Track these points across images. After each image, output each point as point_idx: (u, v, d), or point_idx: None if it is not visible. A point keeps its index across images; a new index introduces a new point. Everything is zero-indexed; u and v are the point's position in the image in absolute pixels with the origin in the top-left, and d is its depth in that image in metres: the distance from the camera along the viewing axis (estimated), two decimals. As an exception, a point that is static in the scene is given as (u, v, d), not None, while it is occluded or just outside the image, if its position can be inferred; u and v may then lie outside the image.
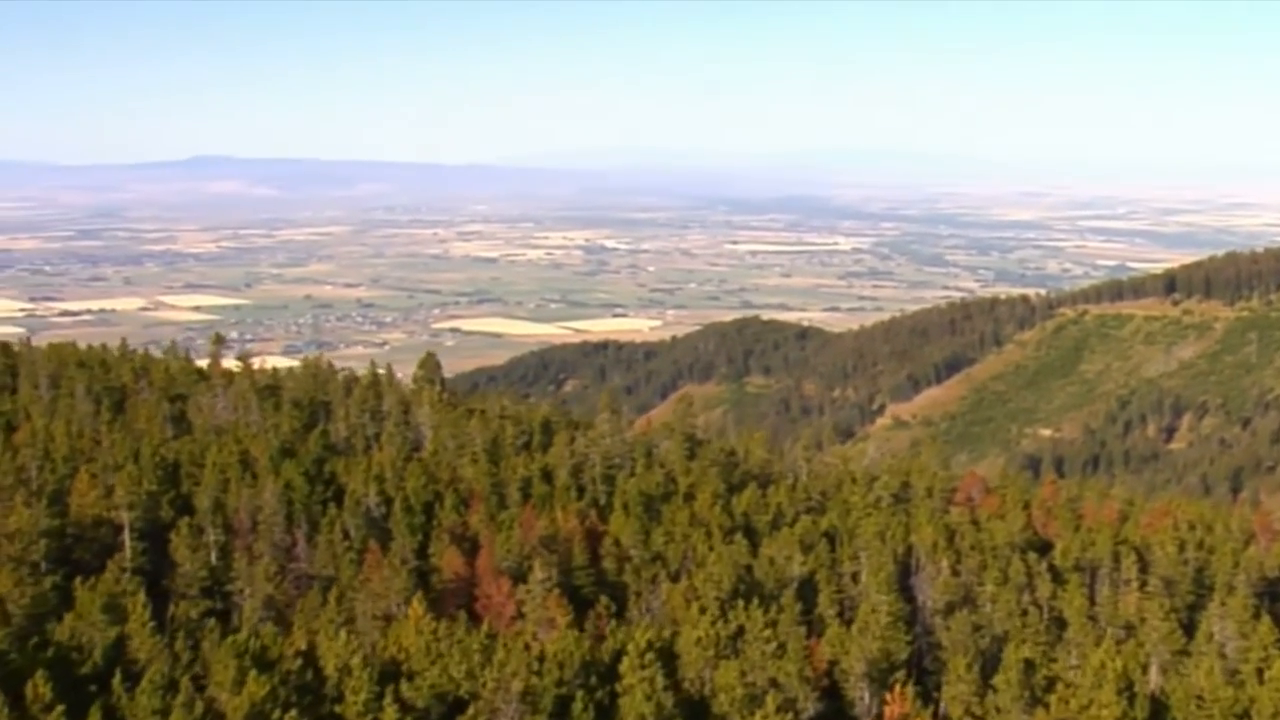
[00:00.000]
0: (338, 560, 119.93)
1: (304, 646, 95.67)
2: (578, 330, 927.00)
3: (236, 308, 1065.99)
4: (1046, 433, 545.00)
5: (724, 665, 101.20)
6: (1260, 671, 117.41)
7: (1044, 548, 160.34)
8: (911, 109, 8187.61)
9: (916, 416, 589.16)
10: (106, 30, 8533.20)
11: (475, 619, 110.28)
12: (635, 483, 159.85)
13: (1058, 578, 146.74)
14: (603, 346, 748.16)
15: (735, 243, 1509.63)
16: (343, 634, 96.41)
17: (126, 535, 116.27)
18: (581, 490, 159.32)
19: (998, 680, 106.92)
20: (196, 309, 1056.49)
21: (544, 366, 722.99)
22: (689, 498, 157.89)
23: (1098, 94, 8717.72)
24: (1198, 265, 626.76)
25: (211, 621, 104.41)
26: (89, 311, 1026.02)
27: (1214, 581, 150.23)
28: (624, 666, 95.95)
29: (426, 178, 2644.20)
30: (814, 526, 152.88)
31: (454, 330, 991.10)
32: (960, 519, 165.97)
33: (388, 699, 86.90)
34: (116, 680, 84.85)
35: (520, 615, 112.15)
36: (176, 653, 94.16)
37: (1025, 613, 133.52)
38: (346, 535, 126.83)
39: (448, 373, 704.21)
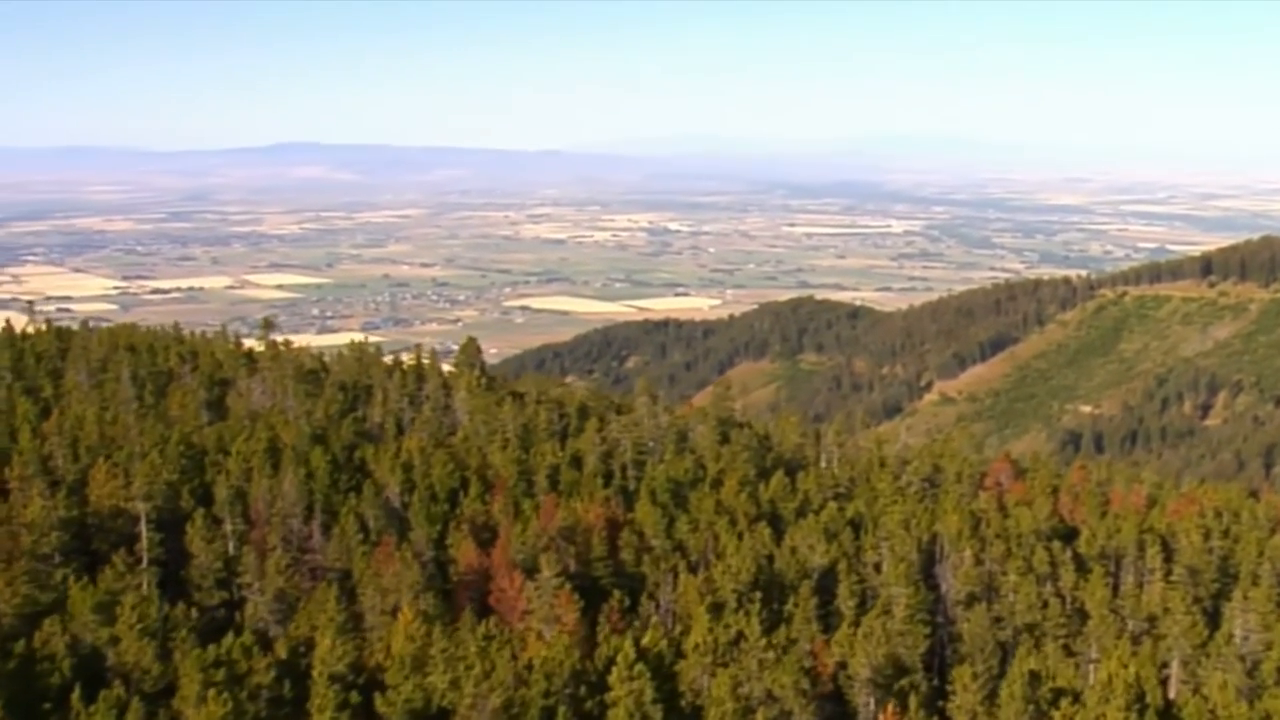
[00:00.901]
0: (351, 553, 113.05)
1: (285, 655, 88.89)
2: (641, 308, 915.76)
3: (318, 286, 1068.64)
4: (1087, 409, 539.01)
5: (720, 674, 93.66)
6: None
7: (1070, 535, 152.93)
8: (962, 99, 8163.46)
9: (962, 393, 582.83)
10: (198, 24, 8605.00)
11: (488, 614, 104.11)
12: (664, 470, 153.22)
13: (1082, 566, 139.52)
14: (663, 324, 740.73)
15: (792, 225, 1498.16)
16: (327, 639, 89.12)
17: (143, 526, 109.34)
18: (609, 477, 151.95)
19: (1002, 693, 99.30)
20: (280, 287, 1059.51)
21: (607, 343, 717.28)
22: (716, 484, 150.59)
23: (1141, 86, 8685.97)
24: (1233, 248, 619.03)
25: (191, 622, 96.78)
26: (178, 289, 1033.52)
27: (1239, 570, 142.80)
28: (613, 677, 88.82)
29: (500, 163, 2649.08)
30: (840, 514, 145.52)
31: (524, 308, 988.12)
32: (987, 505, 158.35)
33: (352, 714, 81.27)
34: (75, 696, 78.68)
35: (531, 611, 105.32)
36: (169, 657, 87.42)
37: (1046, 605, 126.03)
38: (364, 526, 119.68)
39: (515, 349, 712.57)
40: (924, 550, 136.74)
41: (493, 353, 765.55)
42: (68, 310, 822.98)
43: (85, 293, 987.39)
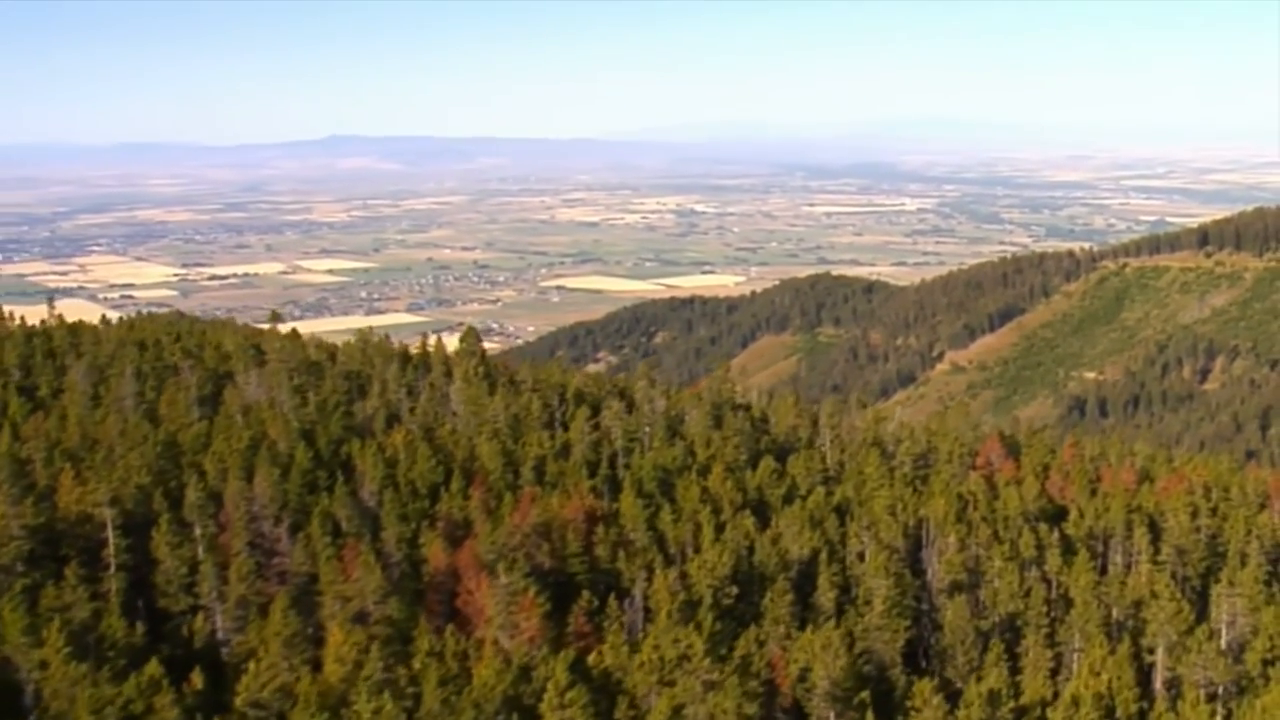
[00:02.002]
0: (316, 556, 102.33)
1: (202, 685, 78.93)
2: (670, 286, 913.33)
3: (365, 270, 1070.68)
4: (1091, 375, 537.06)
5: (664, 694, 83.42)
6: (1265, 664, 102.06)
7: (1059, 515, 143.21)
8: (971, 84, 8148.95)
9: (972, 362, 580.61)
10: (252, 25, 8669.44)
11: (456, 618, 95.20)
12: (651, 458, 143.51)
13: (1070, 548, 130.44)
14: (689, 301, 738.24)
15: (812, 205, 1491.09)
16: (253, 666, 79.41)
17: (110, 532, 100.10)
18: (596, 467, 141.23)
19: (960, 715, 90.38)
20: (330, 272, 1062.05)
21: (636, 320, 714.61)
22: (704, 472, 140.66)
23: (1140, 67, 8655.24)
24: (1228, 220, 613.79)
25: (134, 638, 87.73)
26: (234, 275, 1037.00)
27: (1227, 549, 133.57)
28: (544, 705, 78.67)
29: (536, 151, 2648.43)
30: (827, 500, 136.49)
31: (559, 288, 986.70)
32: (976, 487, 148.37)
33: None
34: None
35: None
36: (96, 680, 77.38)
37: (1028, 593, 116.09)
38: (337, 527, 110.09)
39: (551, 326, 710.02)
40: (910, 535, 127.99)
41: (530, 330, 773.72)
42: (130, 297, 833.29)
43: (147, 280, 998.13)
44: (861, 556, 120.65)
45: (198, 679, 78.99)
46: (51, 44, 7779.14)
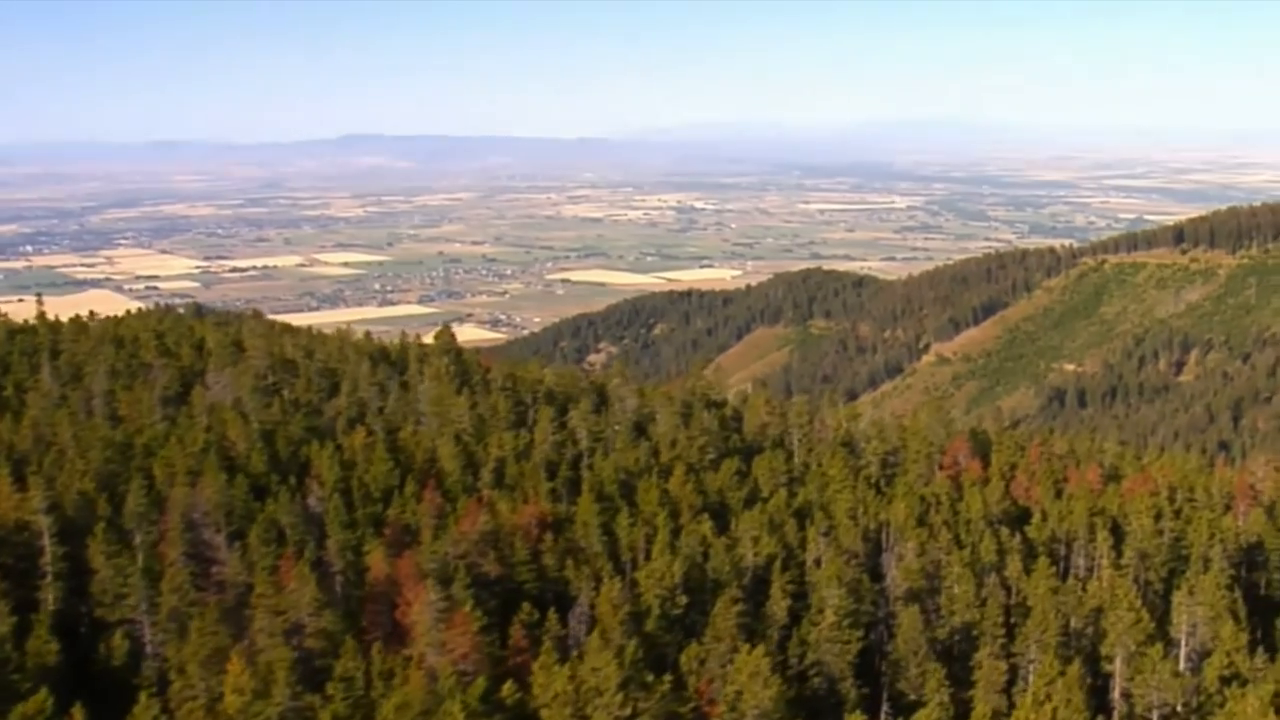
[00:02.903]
0: (253, 566, 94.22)
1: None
2: (670, 280, 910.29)
3: (379, 264, 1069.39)
4: (1071, 367, 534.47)
5: None
6: (1224, 682, 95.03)
7: (1023, 518, 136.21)
8: (960, 86, 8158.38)
9: (957, 354, 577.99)
10: (273, 30, 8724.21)
11: (394, 631, 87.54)
12: (614, 460, 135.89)
13: (1032, 553, 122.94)
14: (687, 294, 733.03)
15: (806, 203, 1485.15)
16: (144, 695, 70.57)
17: (46, 540, 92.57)
18: (555, 470, 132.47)
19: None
20: (345, 265, 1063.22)
21: (636, 312, 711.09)
22: (666, 474, 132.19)
23: (1122, 71, 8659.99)
24: (1203, 218, 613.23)
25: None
26: (254, 268, 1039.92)
27: (1190, 552, 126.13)
28: None
29: (543, 150, 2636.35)
30: (789, 503, 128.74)
31: (564, 281, 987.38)
32: (941, 488, 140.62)
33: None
34: None
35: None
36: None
37: (984, 602, 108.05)
38: (282, 534, 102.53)
39: (555, 317, 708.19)
40: (871, 539, 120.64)
41: (536, 321, 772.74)
42: (155, 289, 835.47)
43: (171, 272, 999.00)
44: (819, 563, 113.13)
45: (78, 714, 69.55)
46: (84, 47, 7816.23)
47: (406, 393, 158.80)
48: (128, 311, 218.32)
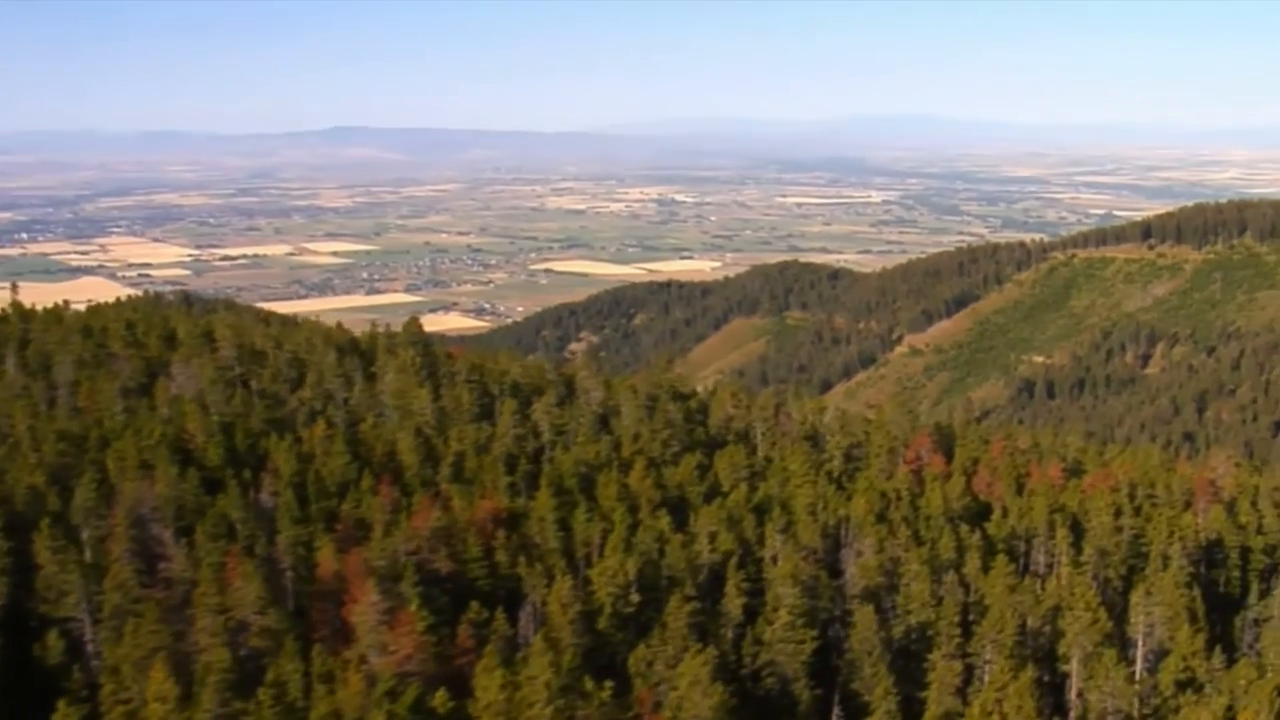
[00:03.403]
0: (198, 562, 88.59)
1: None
2: (651, 271, 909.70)
3: (367, 253, 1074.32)
4: (1040, 359, 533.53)
5: None
6: (1179, 686, 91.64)
7: (984, 514, 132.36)
8: (935, 84, 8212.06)
9: (929, 345, 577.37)
10: (265, 23, 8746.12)
11: (341, 630, 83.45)
12: (575, 453, 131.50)
13: (992, 549, 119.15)
14: (666, 285, 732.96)
15: (785, 196, 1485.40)
16: (62, 703, 67.80)
17: None
18: (516, 464, 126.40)
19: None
20: (334, 254, 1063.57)
21: (617, 302, 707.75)
22: (626, 468, 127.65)
23: (1093, 70, 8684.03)
24: (1170, 215, 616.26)
25: None
26: (245, 256, 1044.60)
27: (1150, 550, 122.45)
28: None
29: (528, 143, 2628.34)
30: (749, 498, 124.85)
31: (548, 271, 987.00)
32: (902, 484, 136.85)
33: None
34: None
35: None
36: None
37: (940, 601, 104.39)
38: (231, 530, 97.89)
39: (539, 307, 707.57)
40: (830, 535, 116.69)
41: (519, 310, 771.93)
42: (147, 276, 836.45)
43: (163, 260, 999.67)
44: (776, 560, 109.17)
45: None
46: (79, 39, 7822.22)
47: (372, 385, 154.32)
48: (118, 299, 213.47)
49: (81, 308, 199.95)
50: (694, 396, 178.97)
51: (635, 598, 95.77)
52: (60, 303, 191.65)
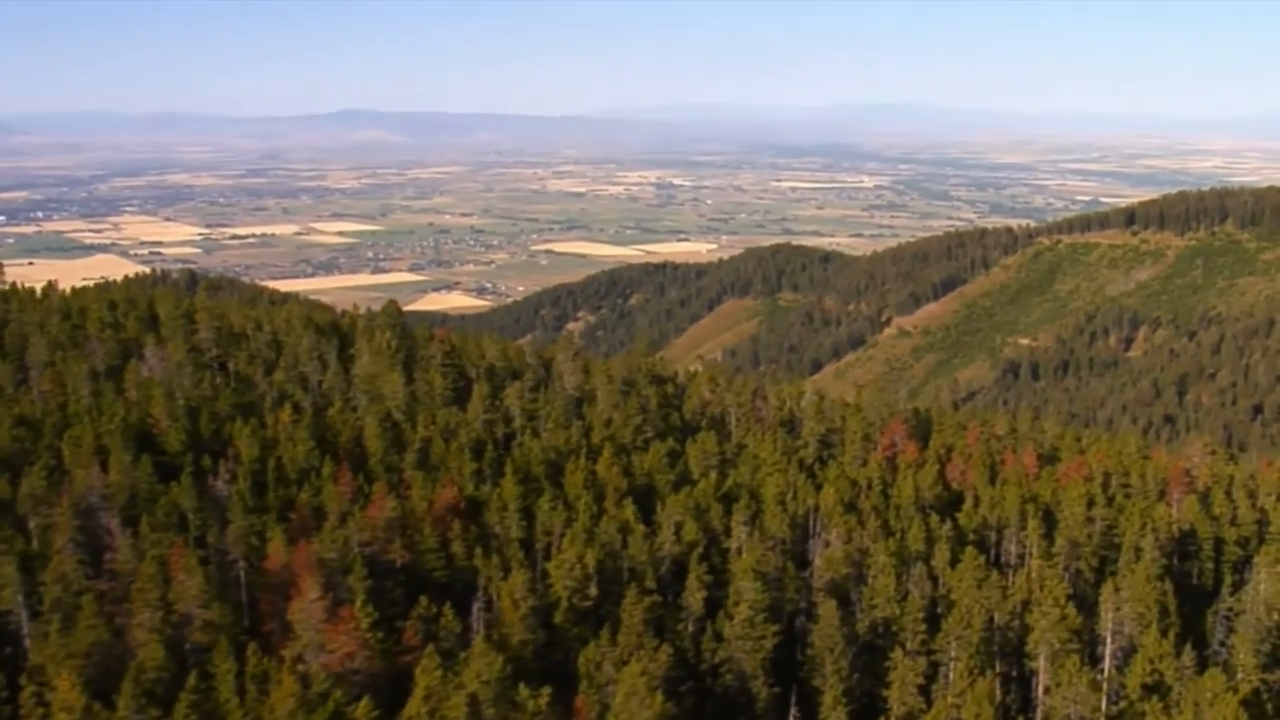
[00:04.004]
0: (142, 554, 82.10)
1: None
2: (649, 252, 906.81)
3: (373, 233, 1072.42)
4: (1025, 341, 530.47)
5: None
6: (1146, 690, 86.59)
7: (956, 503, 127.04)
8: (926, 72, 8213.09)
9: (917, 327, 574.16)
10: (277, 7, 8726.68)
11: (290, 626, 77.15)
12: (546, 439, 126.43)
13: (962, 540, 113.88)
14: (662, 267, 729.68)
15: (779, 181, 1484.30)
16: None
17: None
18: (483, 450, 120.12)
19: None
20: (340, 234, 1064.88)
21: (614, 283, 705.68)
22: (595, 455, 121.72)
23: (1080, 59, 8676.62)
24: (1153, 202, 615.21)
25: None
26: (254, 235, 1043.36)
27: (1122, 541, 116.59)
28: None
29: (529, 127, 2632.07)
30: (719, 486, 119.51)
31: (548, 251, 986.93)
32: (874, 472, 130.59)
33: None
34: None
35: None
36: None
37: (905, 596, 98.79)
38: (183, 519, 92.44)
39: (538, 286, 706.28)
40: (799, 525, 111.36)
41: (520, 290, 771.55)
42: (158, 254, 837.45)
43: (174, 238, 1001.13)
44: (741, 551, 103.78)
45: None
46: (94, 22, 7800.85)
47: (347, 368, 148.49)
48: (127, 277, 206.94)
49: (72, 287, 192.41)
50: (671, 381, 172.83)
51: (594, 591, 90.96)
52: (52, 281, 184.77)
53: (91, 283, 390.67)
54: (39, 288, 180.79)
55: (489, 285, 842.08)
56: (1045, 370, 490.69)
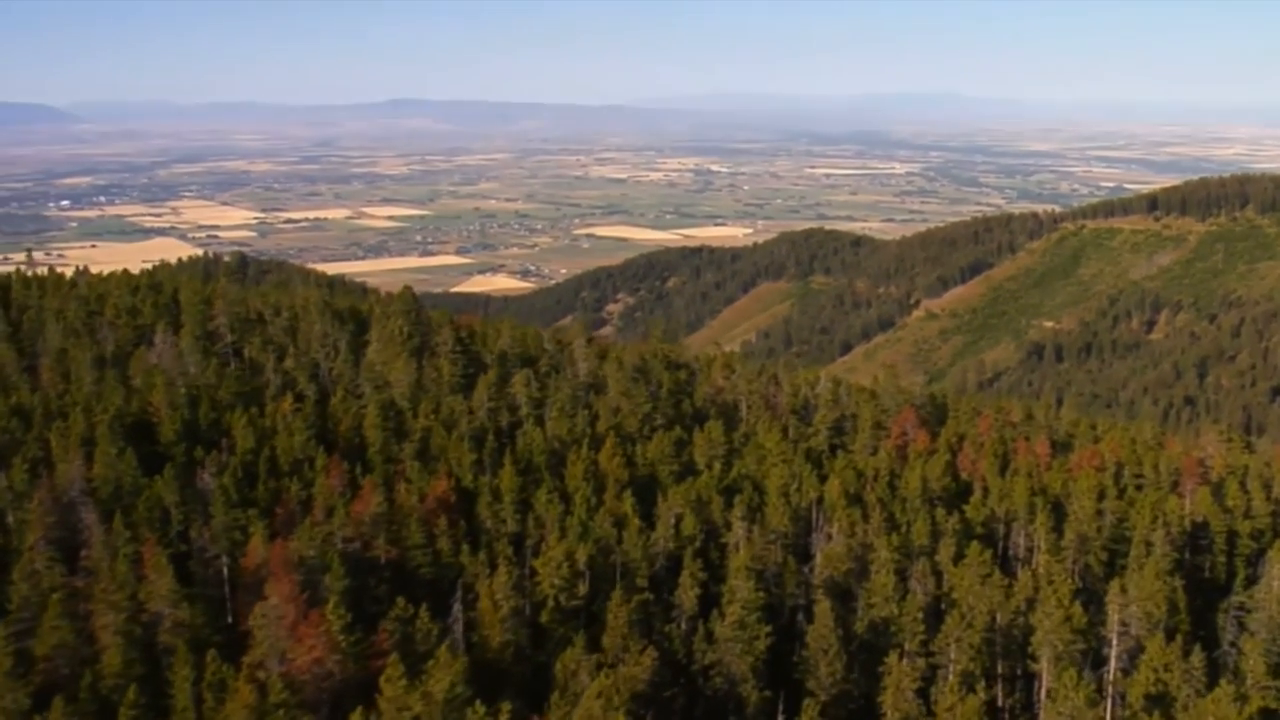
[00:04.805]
0: (115, 551, 76.76)
1: None
2: (687, 236, 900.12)
3: (421, 217, 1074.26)
4: (1049, 324, 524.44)
5: None
6: (1149, 702, 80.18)
7: (964, 494, 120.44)
8: (956, 63, 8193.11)
9: (944, 310, 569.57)
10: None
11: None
12: (550, 428, 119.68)
13: (970, 533, 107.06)
14: (698, 250, 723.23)
15: (814, 168, 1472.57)
16: None
17: None
18: (485, 440, 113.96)
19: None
20: (390, 218, 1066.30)
21: (652, 266, 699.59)
22: (598, 445, 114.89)
23: (1107, 49, 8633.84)
24: (1175, 188, 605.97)
25: None
26: (307, 220, 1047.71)
27: (1133, 535, 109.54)
28: None
29: (573, 116, 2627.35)
30: (722, 476, 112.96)
31: (590, 235, 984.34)
32: (883, 462, 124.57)
33: None
34: None
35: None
36: None
37: (905, 595, 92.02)
38: (166, 514, 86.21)
39: (580, 269, 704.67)
40: (802, 517, 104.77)
41: (562, 272, 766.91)
42: (215, 237, 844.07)
43: (230, 222, 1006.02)
44: (739, 546, 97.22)
45: None
46: (156, 15, 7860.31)
47: (358, 355, 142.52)
48: (179, 260, 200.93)
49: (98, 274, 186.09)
50: (686, 368, 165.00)
51: (583, 590, 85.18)
52: (79, 268, 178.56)
53: (150, 265, 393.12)
54: (69, 272, 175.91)
55: (533, 268, 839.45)
56: (1069, 352, 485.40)
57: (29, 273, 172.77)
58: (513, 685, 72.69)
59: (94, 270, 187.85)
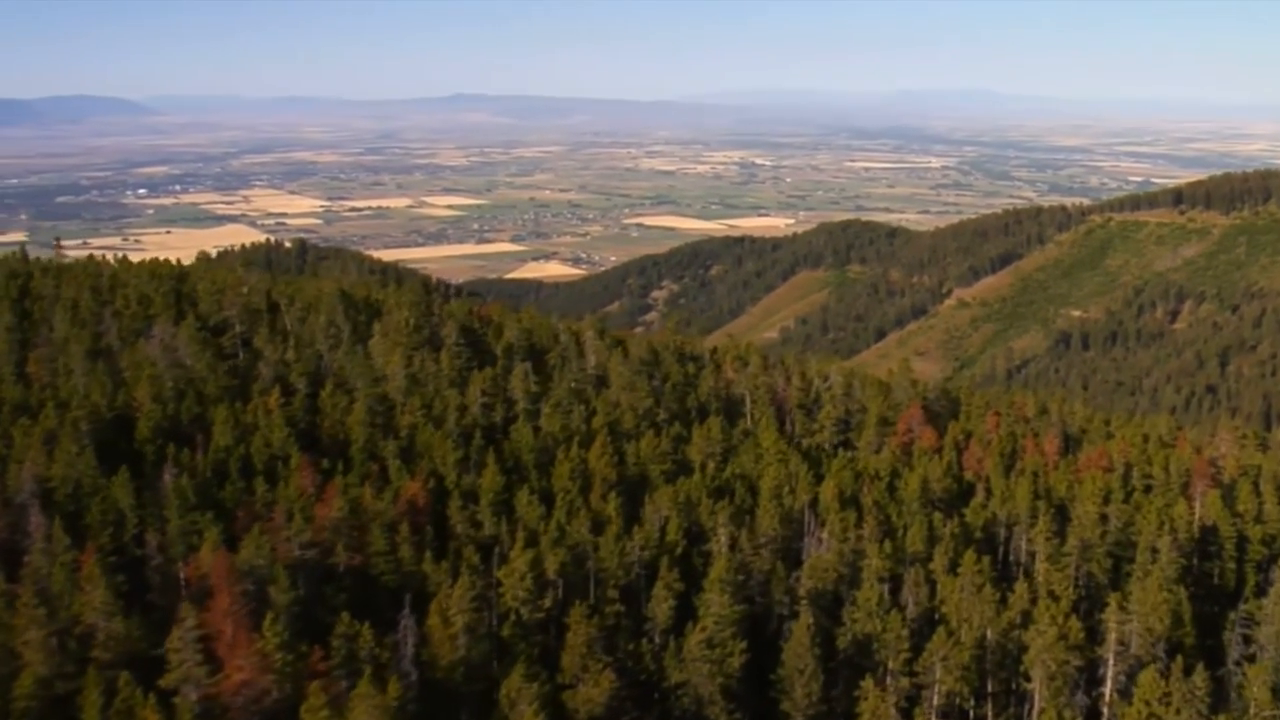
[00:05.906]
0: (55, 557, 68.57)
1: None
2: (731, 226, 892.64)
3: (479, 207, 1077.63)
4: (1076, 313, 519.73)
5: None
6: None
7: (966, 495, 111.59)
8: (990, 60, 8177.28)
9: (975, 299, 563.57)
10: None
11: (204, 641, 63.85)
12: (544, 424, 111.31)
13: (969, 538, 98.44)
14: (740, 240, 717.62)
15: (853, 161, 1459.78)
16: None
17: None
18: (474, 436, 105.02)
19: None
20: (449, 207, 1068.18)
21: (695, 254, 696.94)
22: (587, 443, 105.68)
23: (1135, 49, 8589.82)
24: (1200, 182, 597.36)
25: None
26: (370, 208, 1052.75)
27: (1139, 541, 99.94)
28: None
29: (623, 110, 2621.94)
30: (715, 477, 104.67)
31: (639, 225, 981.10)
32: (884, 462, 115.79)
33: None
34: None
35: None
36: None
37: (889, 610, 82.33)
38: (121, 517, 77.51)
39: (628, 257, 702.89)
40: (795, 521, 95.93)
41: (612, 260, 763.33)
42: (284, 224, 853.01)
43: (297, 210, 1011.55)
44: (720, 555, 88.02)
45: None
46: (229, 13, 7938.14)
47: (362, 347, 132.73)
48: (245, 245, 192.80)
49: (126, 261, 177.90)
50: (697, 360, 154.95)
51: (548, 602, 76.90)
52: (103, 256, 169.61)
53: (219, 250, 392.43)
54: (112, 258, 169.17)
55: (584, 255, 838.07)
56: (1095, 341, 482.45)
57: (64, 259, 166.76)
58: (467, 706, 64.91)
59: (168, 255, 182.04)
